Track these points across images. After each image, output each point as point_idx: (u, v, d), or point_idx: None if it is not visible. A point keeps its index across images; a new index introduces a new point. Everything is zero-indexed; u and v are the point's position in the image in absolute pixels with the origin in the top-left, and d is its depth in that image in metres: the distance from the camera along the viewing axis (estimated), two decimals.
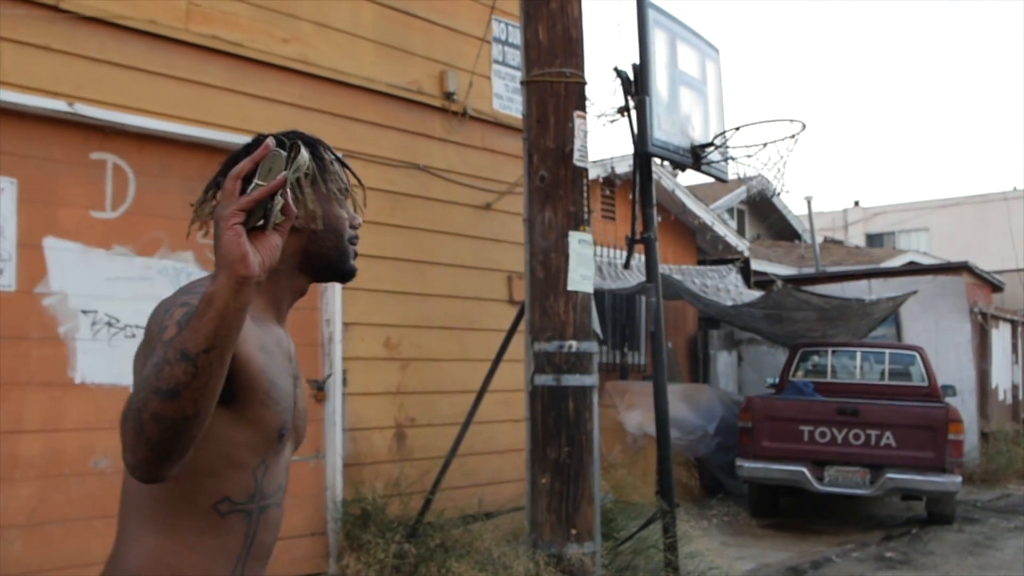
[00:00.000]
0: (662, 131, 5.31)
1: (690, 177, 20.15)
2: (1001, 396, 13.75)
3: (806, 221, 20.67)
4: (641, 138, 5.20)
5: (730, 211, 19.01)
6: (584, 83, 5.40)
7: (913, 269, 13.51)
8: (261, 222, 1.24)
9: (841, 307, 10.62)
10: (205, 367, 1.17)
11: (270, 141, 1.26)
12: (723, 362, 13.21)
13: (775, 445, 8.30)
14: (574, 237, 5.28)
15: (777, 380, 10.34)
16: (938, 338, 12.26)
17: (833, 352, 10.53)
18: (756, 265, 14.43)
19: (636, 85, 5.26)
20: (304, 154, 1.35)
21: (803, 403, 8.60)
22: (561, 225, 5.27)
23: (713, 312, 9.97)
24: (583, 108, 5.38)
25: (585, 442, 5.24)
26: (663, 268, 11.67)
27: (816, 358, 10.58)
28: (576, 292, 5.25)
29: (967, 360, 12.24)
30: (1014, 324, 14.75)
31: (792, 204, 20.31)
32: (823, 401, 8.61)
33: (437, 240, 6.29)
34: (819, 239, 20.35)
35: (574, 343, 5.23)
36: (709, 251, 13.54)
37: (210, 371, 1.18)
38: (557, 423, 5.21)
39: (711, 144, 5.55)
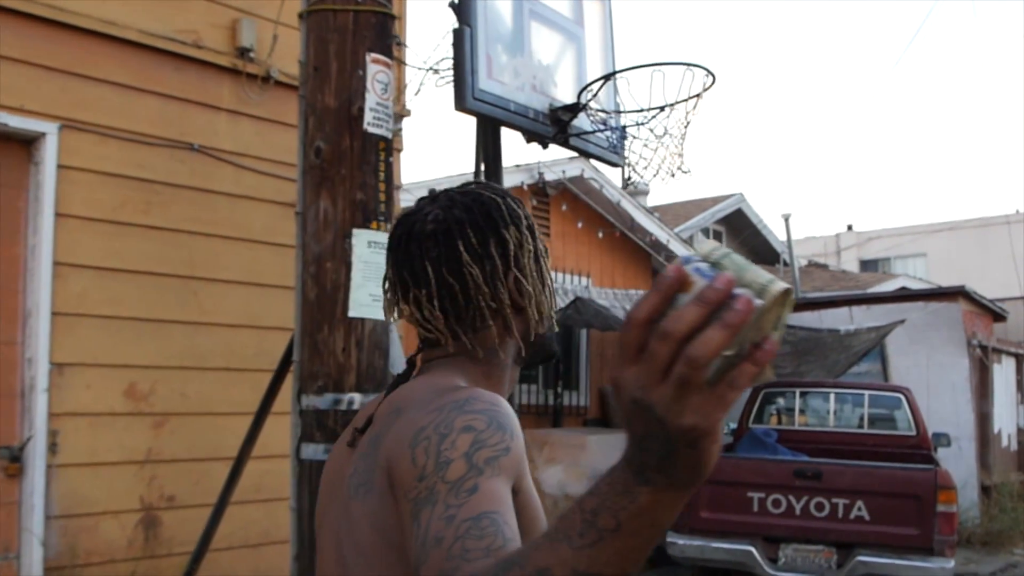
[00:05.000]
0: (496, 81, 3.59)
1: (658, 196, 18.47)
2: (1005, 442, 11.93)
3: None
4: (458, 88, 3.49)
5: (704, 231, 17.30)
6: (387, 15, 3.68)
7: (901, 295, 11.75)
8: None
9: (812, 339, 8.90)
10: None
11: (747, 297, 0.73)
12: None
13: (716, 516, 6.50)
14: (361, 237, 3.54)
15: (736, 426, 8.58)
16: (930, 375, 10.53)
17: (802, 393, 8.79)
18: None
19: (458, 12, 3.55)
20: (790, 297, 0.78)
21: (751, 463, 6.80)
22: (342, 220, 3.52)
23: None
24: (386, 51, 3.66)
25: None
26: (606, 293, 9.96)
27: (782, 400, 8.84)
28: (362, 320, 3.51)
29: (964, 401, 10.50)
30: (1019, 358, 12.94)
31: (775, 225, 18.61)
32: (777, 461, 6.82)
33: (220, 248, 4.56)
34: (803, 263, 18.69)
35: (357, 396, 3.47)
36: None
37: None
38: None
39: (576, 105, 3.83)
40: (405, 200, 7.56)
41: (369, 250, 3.57)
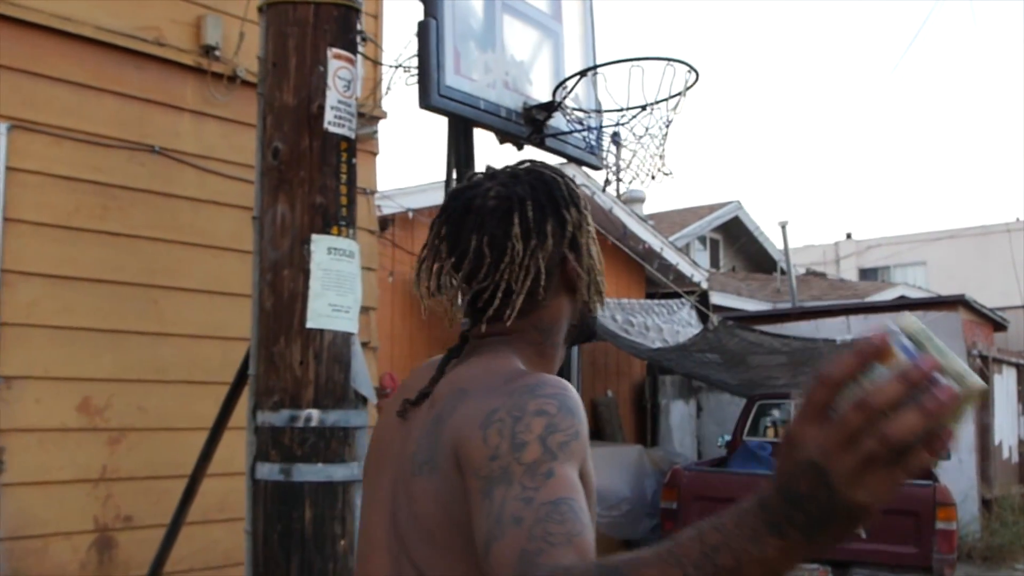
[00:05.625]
0: (464, 77, 3.39)
1: (654, 204, 18.28)
2: (1006, 454, 11.69)
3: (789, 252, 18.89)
4: (423, 85, 3.29)
5: (701, 239, 17.11)
6: (351, 8, 3.47)
7: (899, 304, 11.54)
8: None
9: (808, 349, 8.66)
10: None
11: (951, 387, 0.72)
12: (678, 413, 11.21)
13: None
14: (321, 244, 3.34)
15: (729, 439, 8.38)
16: None
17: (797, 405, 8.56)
18: (721, 299, 12.50)
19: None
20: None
21: (745, 478, 6.59)
22: (300, 225, 3.32)
23: (644, 356, 8.01)
24: (349, 47, 3.46)
25: (333, 572, 3.27)
26: None
27: (776, 413, 8.63)
28: (321, 331, 3.30)
29: None
30: (1020, 368, 12.71)
31: (772, 233, 18.42)
32: (769, 476, 6.59)
33: (182, 255, 4.35)
34: (801, 271, 18.47)
35: (315, 413, 3.25)
36: (661, 283, 11.59)
37: None
38: (286, 541, 3.23)
39: (552, 103, 3.63)
40: (388, 207, 7.34)
41: (329, 257, 3.36)
